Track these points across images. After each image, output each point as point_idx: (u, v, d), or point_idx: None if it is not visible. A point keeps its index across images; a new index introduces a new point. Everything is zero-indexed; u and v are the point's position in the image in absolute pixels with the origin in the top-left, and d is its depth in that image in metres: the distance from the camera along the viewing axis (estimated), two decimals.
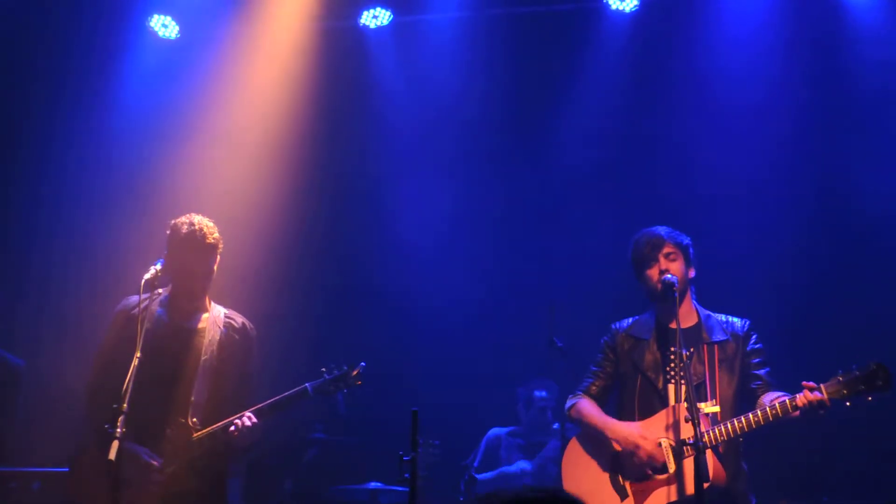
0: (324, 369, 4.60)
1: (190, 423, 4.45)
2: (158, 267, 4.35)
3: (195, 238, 4.50)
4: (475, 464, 6.59)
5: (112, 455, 3.78)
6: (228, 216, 4.85)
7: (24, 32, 6.80)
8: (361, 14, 7.06)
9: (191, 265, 4.53)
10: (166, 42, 7.07)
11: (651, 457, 4.38)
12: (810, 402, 4.12)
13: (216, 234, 4.56)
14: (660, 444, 4.40)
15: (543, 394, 6.73)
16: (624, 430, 4.47)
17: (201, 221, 4.55)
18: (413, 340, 6.85)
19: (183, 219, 4.57)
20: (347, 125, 7.17)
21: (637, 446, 4.41)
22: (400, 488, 5.66)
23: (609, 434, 4.51)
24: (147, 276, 4.28)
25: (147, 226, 6.46)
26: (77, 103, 6.87)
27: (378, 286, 7.01)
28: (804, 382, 4.17)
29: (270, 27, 6.94)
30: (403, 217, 7.11)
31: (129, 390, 3.93)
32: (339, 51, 7.12)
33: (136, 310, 4.45)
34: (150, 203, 6.66)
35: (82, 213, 6.80)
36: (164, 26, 7.03)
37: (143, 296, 4.28)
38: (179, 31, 7.05)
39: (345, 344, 6.83)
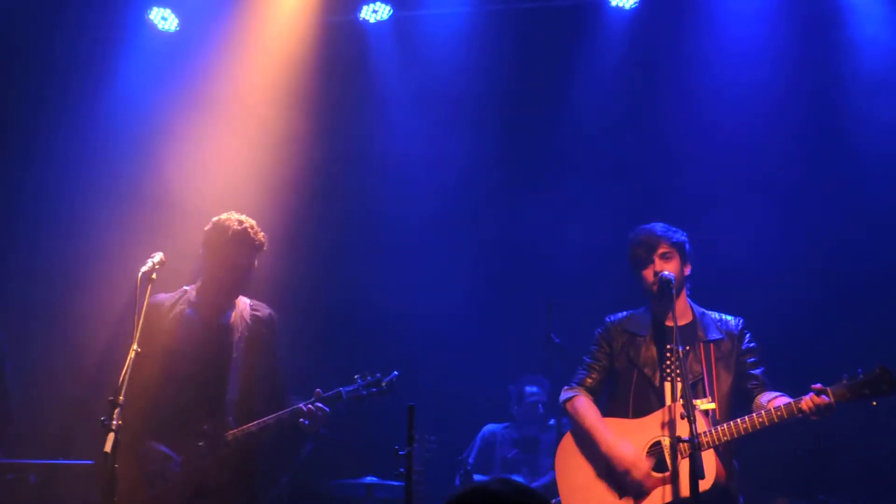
0: (357, 376, 4.72)
1: (226, 421, 4.57)
2: (157, 259, 4.37)
3: (248, 236, 4.65)
4: (470, 460, 6.60)
5: (108, 447, 3.80)
6: (226, 212, 4.85)
7: (23, 23, 6.78)
8: (361, 8, 7.06)
9: (238, 261, 4.66)
10: (165, 35, 7.06)
11: (639, 484, 4.34)
12: (817, 406, 4.10)
13: (263, 234, 4.72)
14: (659, 443, 4.39)
15: (535, 389, 6.76)
16: (617, 452, 4.42)
17: (249, 220, 4.71)
18: (410, 335, 6.84)
19: (227, 216, 4.70)
20: (346, 119, 7.16)
21: (627, 472, 4.38)
22: (396, 483, 5.68)
23: (603, 449, 4.47)
24: (144, 268, 4.30)
25: (142, 219, 6.47)
26: (75, 95, 6.85)
27: (375, 282, 7.00)
28: (813, 385, 4.14)
29: (270, 21, 6.93)
30: (401, 212, 7.10)
31: (125, 383, 3.95)
32: (339, 45, 7.11)
33: (164, 309, 4.65)
34: (146, 197, 6.66)
35: (77, 205, 6.78)
36: (163, 19, 7.02)
37: (141, 287, 4.31)
38: (179, 24, 7.04)
39: (342, 340, 6.84)
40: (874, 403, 4.10)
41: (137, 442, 4.50)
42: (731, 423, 4.24)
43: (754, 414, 4.23)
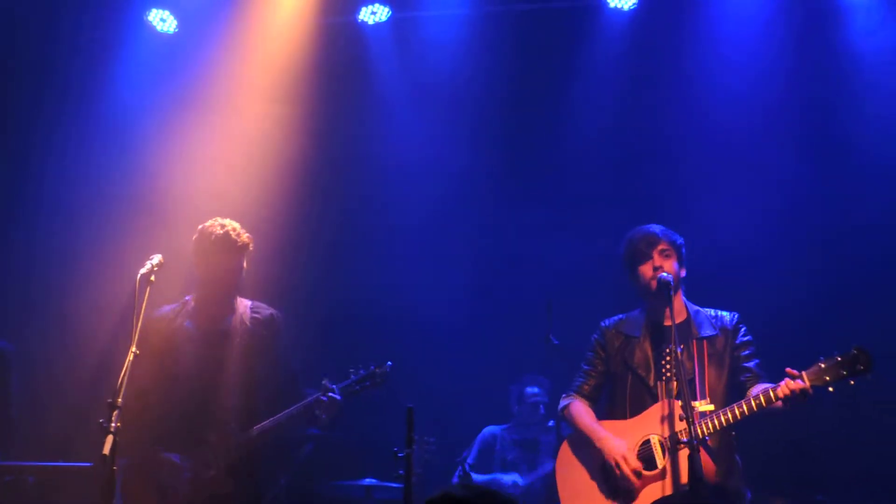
0: (351, 370, 4.75)
1: (229, 428, 4.62)
2: (155, 261, 4.37)
3: (230, 238, 4.69)
4: (469, 460, 6.60)
5: (106, 450, 3.81)
6: (224, 214, 4.87)
7: (23, 23, 6.78)
8: (360, 10, 7.05)
9: (225, 264, 4.71)
10: (164, 36, 7.06)
11: (628, 478, 4.35)
12: (792, 391, 4.12)
13: (247, 234, 4.75)
14: (648, 441, 4.40)
15: (535, 389, 6.76)
16: (608, 445, 4.46)
17: (231, 223, 4.74)
18: (409, 336, 6.84)
19: (211, 223, 4.75)
20: (345, 120, 7.16)
21: (616, 466, 4.40)
22: (395, 484, 5.68)
23: (597, 444, 4.52)
24: (143, 270, 4.31)
25: (141, 221, 6.47)
26: (74, 97, 6.86)
27: (374, 283, 7.01)
28: (787, 369, 4.17)
29: (269, 22, 6.93)
30: (401, 213, 7.10)
31: (124, 385, 3.96)
32: (338, 47, 7.11)
33: (164, 323, 4.70)
34: (146, 198, 6.66)
35: (76, 206, 6.79)
36: (162, 21, 7.02)
37: (140, 289, 4.32)
38: (178, 26, 7.04)
39: (342, 340, 6.83)
40: (851, 383, 4.11)
41: (147, 451, 4.56)
42: (714, 415, 4.26)
43: (735, 405, 4.24)
